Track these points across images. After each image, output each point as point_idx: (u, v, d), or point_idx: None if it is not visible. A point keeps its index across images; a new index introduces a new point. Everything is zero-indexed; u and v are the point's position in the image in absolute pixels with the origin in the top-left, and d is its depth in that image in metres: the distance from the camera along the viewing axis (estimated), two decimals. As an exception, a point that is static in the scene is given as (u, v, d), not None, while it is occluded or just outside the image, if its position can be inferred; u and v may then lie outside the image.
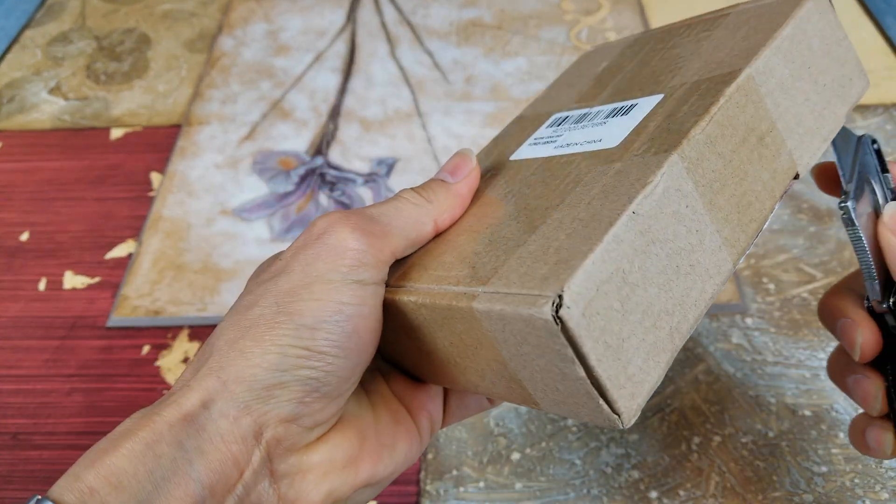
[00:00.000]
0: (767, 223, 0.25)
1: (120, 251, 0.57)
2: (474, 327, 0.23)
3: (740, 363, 0.47)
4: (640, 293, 0.21)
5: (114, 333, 0.51)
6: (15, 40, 0.79)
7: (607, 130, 0.27)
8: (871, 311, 0.29)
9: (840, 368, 0.31)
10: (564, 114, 0.31)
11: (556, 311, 0.19)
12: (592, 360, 0.20)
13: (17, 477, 0.44)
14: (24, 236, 0.58)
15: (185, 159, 0.64)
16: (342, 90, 0.70)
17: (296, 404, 0.23)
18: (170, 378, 0.48)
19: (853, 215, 0.27)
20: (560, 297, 0.19)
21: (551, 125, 0.31)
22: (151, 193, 0.61)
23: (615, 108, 0.29)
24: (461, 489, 0.42)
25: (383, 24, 0.78)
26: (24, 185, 0.62)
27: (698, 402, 0.45)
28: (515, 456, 0.43)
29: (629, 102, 0.28)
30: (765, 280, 0.52)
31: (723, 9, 0.31)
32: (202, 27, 0.79)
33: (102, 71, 0.74)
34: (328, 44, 0.76)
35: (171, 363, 0.49)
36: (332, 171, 0.62)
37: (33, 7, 0.83)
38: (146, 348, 0.50)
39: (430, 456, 0.43)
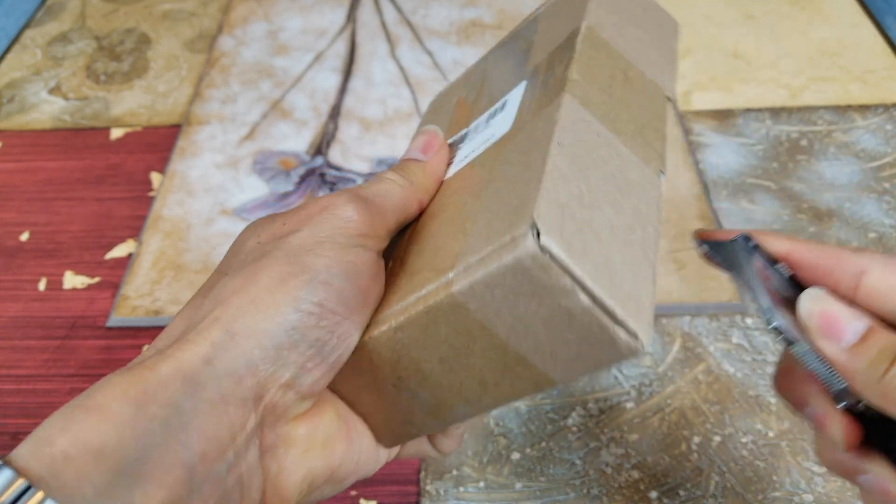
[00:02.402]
0: (667, 144, 0.26)
1: (120, 251, 0.57)
2: (461, 318, 0.22)
3: (740, 363, 0.47)
4: (599, 214, 0.21)
5: (114, 333, 0.51)
6: (15, 40, 0.79)
7: (495, 127, 0.29)
8: (850, 410, 0.24)
9: (843, 465, 0.25)
10: (448, 141, 0.32)
11: (538, 241, 0.19)
12: (589, 283, 0.19)
13: (17, 477, 0.44)
14: (24, 236, 0.58)
15: (185, 159, 0.64)
16: (342, 90, 0.70)
17: (298, 368, 0.22)
18: (170, 378, 0.48)
19: (791, 334, 0.23)
20: (534, 226, 0.19)
21: None
22: (151, 193, 0.61)
23: (491, 113, 0.30)
24: (461, 489, 0.42)
25: (383, 24, 0.78)
26: (24, 185, 0.62)
27: (698, 402, 0.45)
28: (515, 456, 0.43)
29: (501, 102, 0.30)
30: (765, 280, 0.51)
31: (528, 15, 0.35)
32: (202, 27, 0.79)
33: (102, 71, 0.74)
34: (328, 44, 0.76)
35: (171, 363, 0.49)
36: (332, 171, 0.62)
37: (33, 7, 0.83)
38: (146, 348, 0.50)
39: (430, 456, 0.43)
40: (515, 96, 0.29)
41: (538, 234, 0.19)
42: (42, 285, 0.55)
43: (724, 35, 0.73)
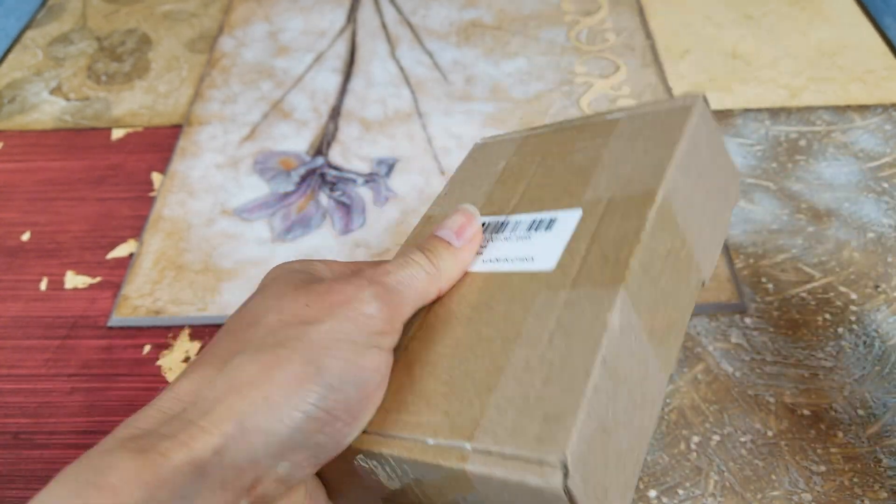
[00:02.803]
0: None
1: (121, 251, 0.57)
2: (462, 483, 0.22)
3: (739, 363, 0.47)
4: (614, 439, 0.22)
5: (115, 333, 0.51)
6: (16, 41, 0.79)
7: (535, 248, 0.27)
8: None
9: None
10: (481, 220, 0.31)
11: (565, 480, 0.19)
12: None
13: (18, 477, 0.44)
14: (26, 236, 0.58)
15: (185, 159, 0.64)
16: (342, 90, 0.70)
17: (294, 466, 0.23)
18: (171, 377, 0.48)
19: None
20: (565, 465, 0.20)
21: None
22: (152, 193, 0.61)
23: (534, 221, 0.29)
24: (461, 488, 0.42)
25: (383, 25, 0.78)
26: (25, 185, 0.63)
27: (697, 402, 0.45)
28: (515, 455, 0.43)
29: (548, 216, 0.29)
30: (763, 280, 0.52)
31: (608, 112, 0.32)
32: (203, 28, 0.79)
33: (103, 71, 0.74)
34: (328, 44, 0.76)
35: (172, 363, 0.49)
36: (333, 171, 0.62)
37: (34, 7, 0.83)
38: (147, 348, 0.50)
39: (429, 455, 0.44)
40: (566, 223, 0.28)
41: (566, 474, 0.20)
42: (43, 285, 0.55)
43: (724, 35, 0.73)
